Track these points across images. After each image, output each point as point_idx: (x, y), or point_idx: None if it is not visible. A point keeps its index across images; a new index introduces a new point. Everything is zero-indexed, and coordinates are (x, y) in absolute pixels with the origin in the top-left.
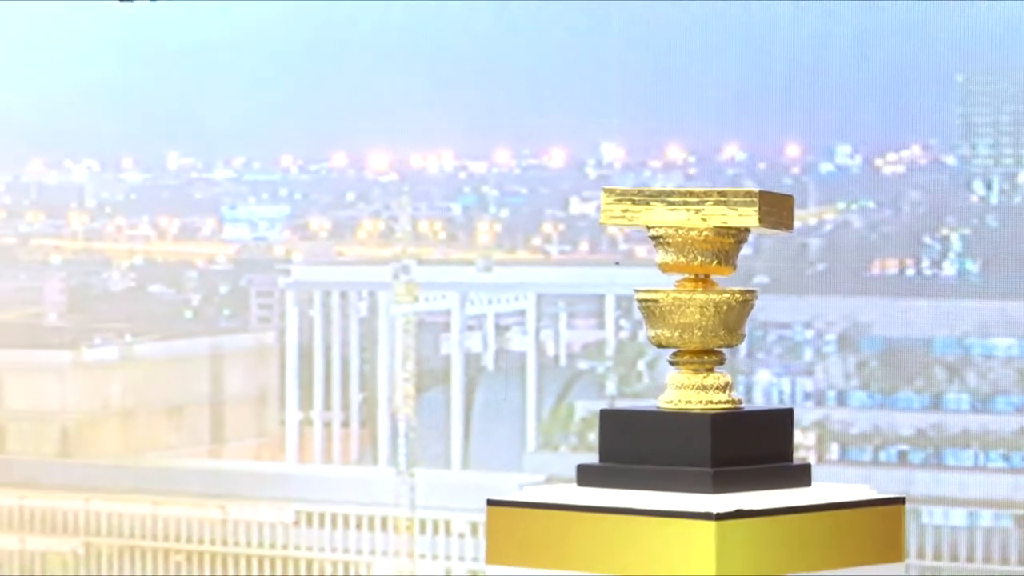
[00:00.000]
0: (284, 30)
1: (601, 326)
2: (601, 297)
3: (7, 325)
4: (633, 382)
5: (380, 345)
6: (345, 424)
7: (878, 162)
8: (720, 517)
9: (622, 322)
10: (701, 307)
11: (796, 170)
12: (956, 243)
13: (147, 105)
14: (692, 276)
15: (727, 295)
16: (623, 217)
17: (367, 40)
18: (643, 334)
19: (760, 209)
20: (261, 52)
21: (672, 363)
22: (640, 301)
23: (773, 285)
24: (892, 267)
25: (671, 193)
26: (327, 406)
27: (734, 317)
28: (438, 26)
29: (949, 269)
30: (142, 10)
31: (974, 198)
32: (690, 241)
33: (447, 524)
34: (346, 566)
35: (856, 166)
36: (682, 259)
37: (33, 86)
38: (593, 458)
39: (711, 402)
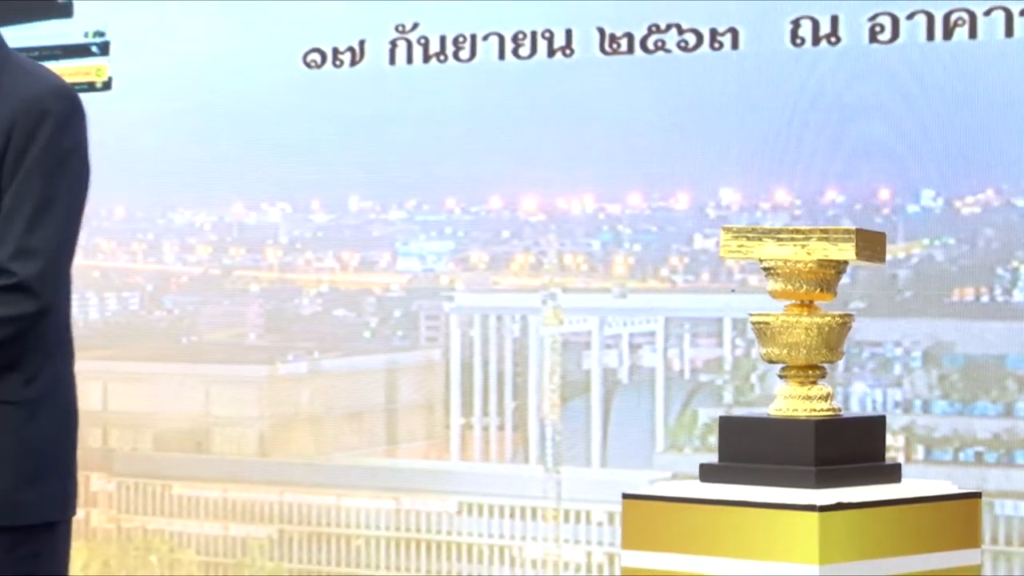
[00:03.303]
0: (446, 97)
1: (720, 345)
2: (720, 320)
3: (214, 344)
4: (747, 393)
5: (530, 361)
6: (500, 428)
7: (957, 204)
8: (823, 509)
9: (737, 341)
10: (806, 329)
11: (887, 211)
12: None
13: (332, 157)
14: (798, 302)
15: (828, 318)
16: (739, 251)
17: (518, 102)
18: (756, 352)
19: (857, 244)
20: (430, 114)
21: (781, 376)
22: (754, 323)
23: (867, 310)
24: (969, 294)
25: (780, 231)
26: (485, 412)
27: (834, 337)
28: (579, 89)
29: (1019, 296)
30: (325, 78)
31: None
32: (797, 272)
33: (588, 514)
34: (501, 550)
35: (939, 208)
36: (790, 287)
37: (236, 141)
38: (713, 458)
39: (814, 410)
